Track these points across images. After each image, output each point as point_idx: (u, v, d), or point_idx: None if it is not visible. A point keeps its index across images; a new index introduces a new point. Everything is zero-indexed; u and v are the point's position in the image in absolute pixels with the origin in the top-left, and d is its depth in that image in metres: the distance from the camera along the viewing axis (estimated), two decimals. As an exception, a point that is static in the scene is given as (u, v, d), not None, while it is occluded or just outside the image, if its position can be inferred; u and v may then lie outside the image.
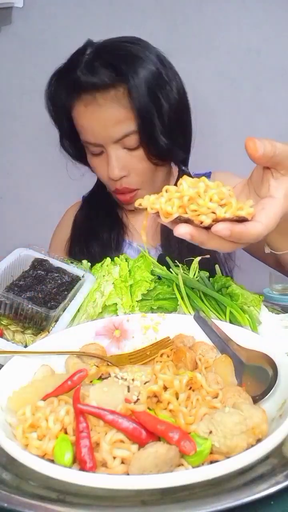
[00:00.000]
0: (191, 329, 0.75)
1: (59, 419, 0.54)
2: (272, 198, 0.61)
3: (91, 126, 1.09)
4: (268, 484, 0.47)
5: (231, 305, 0.82)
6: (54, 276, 0.88)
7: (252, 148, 0.58)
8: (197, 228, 0.55)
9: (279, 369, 0.63)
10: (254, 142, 0.57)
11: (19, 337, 0.81)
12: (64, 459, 0.50)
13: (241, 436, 0.52)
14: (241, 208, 0.54)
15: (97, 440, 0.52)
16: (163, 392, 0.56)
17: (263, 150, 0.58)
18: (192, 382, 0.60)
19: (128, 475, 0.49)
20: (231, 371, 0.66)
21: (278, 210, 0.60)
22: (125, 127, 1.07)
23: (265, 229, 0.58)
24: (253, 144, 0.57)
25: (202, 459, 0.51)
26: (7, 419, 0.57)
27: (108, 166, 1.11)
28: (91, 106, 1.07)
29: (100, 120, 1.07)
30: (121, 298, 0.85)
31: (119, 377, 0.60)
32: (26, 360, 0.68)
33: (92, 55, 1.08)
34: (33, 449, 0.52)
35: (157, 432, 0.51)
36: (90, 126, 1.09)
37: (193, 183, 0.55)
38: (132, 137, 1.08)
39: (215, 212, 0.53)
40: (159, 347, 0.73)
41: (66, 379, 0.59)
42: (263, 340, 0.72)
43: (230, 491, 0.46)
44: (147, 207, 0.56)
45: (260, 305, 0.87)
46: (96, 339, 0.75)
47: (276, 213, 0.60)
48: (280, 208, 0.61)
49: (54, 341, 0.73)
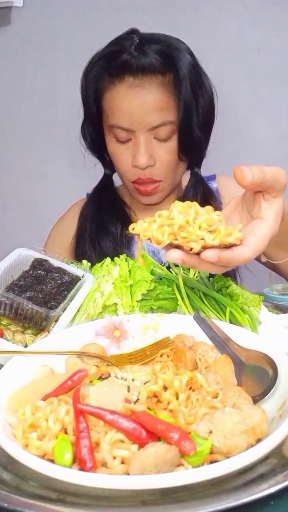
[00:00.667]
0: (191, 329, 0.74)
1: (59, 419, 0.54)
2: (262, 220, 0.63)
3: (129, 109, 1.07)
4: (268, 484, 0.47)
5: (231, 305, 0.82)
6: (54, 276, 0.88)
7: (240, 177, 0.59)
8: (188, 253, 0.57)
9: (279, 369, 0.63)
10: (242, 171, 0.58)
11: (19, 337, 0.81)
12: (64, 459, 0.50)
13: (241, 436, 0.52)
14: (229, 234, 0.56)
15: (97, 440, 0.52)
16: (163, 392, 0.56)
17: (251, 178, 0.59)
18: (192, 382, 0.60)
19: (128, 475, 0.49)
20: (231, 371, 0.66)
21: (268, 232, 0.62)
22: (165, 115, 1.07)
23: (253, 252, 0.60)
24: (241, 173, 0.58)
25: (202, 459, 0.51)
26: (7, 419, 0.57)
27: (135, 154, 1.09)
28: (135, 88, 1.06)
29: (141, 104, 1.06)
30: (121, 298, 0.85)
31: (119, 377, 0.60)
32: (26, 360, 0.68)
33: (141, 41, 1.08)
34: (33, 449, 0.52)
35: (157, 432, 0.51)
36: (129, 109, 1.07)
37: (184, 208, 0.57)
38: (167, 127, 1.08)
39: (204, 239, 0.55)
40: (159, 347, 0.73)
41: (66, 379, 0.59)
42: (263, 340, 0.72)
43: (230, 491, 0.46)
44: (140, 234, 0.57)
45: (260, 305, 0.87)
46: (96, 339, 0.75)
47: (266, 235, 0.62)
48: (270, 230, 0.63)
49: (54, 341, 0.73)
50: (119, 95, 1.08)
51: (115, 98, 1.09)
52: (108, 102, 1.10)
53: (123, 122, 1.08)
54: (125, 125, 1.08)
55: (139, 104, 1.06)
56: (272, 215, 0.63)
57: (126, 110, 1.07)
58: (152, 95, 1.06)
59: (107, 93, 1.10)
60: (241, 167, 0.59)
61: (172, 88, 1.07)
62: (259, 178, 0.59)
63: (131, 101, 1.07)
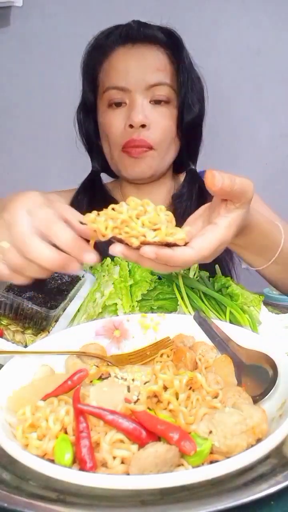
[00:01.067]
0: (191, 329, 0.75)
1: (59, 419, 0.54)
2: (215, 225, 0.64)
3: (126, 67, 1.08)
4: (268, 484, 0.47)
5: (231, 305, 0.82)
6: (54, 276, 0.88)
7: (210, 182, 0.61)
8: (130, 248, 0.59)
9: (279, 369, 0.63)
10: (213, 176, 0.60)
11: (19, 337, 0.81)
12: (64, 459, 0.50)
13: (241, 436, 0.52)
14: (170, 234, 0.58)
15: (97, 440, 0.52)
16: (163, 392, 0.56)
17: (221, 184, 0.60)
18: (192, 382, 0.60)
19: (128, 475, 0.49)
20: (231, 371, 0.66)
21: (216, 239, 0.63)
22: (162, 76, 1.09)
23: (196, 255, 0.61)
24: (212, 178, 0.60)
25: (202, 459, 0.51)
26: (7, 419, 0.57)
27: (130, 112, 1.08)
28: (134, 49, 1.10)
29: (139, 63, 1.09)
30: (121, 298, 0.85)
31: (119, 377, 0.60)
32: (26, 360, 0.68)
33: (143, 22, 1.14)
34: (33, 449, 0.52)
35: (157, 432, 0.51)
36: (125, 68, 1.09)
37: (136, 205, 0.60)
38: (164, 88, 1.09)
39: (145, 235, 0.57)
40: (159, 347, 0.73)
41: (66, 379, 0.59)
42: (263, 340, 0.72)
43: (230, 491, 0.46)
44: (88, 223, 0.59)
45: (260, 305, 0.87)
46: (96, 339, 0.75)
47: (213, 241, 0.63)
48: (219, 237, 0.64)
49: (54, 341, 0.73)
50: (117, 57, 1.10)
51: (113, 60, 1.11)
52: (106, 68, 1.12)
53: (119, 81, 1.08)
54: (121, 84, 1.08)
55: (137, 62, 1.09)
56: (226, 223, 0.65)
57: (122, 68, 1.09)
58: (151, 56, 1.10)
59: (106, 62, 1.12)
60: (213, 172, 0.61)
61: (170, 57, 1.11)
62: (228, 186, 0.61)
63: (129, 61, 1.09)
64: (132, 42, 1.10)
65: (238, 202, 0.64)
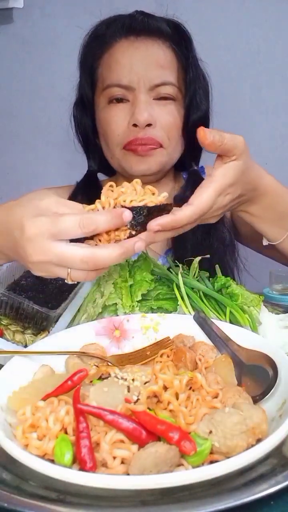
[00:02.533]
0: (191, 329, 0.75)
1: (59, 419, 0.54)
2: (209, 177, 0.70)
3: (130, 63, 1.02)
4: (268, 484, 0.47)
5: (231, 305, 0.82)
6: (55, 276, 0.88)
7: (202, 136, 0.69)
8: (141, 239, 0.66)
9: (279, 369, 0.63)
10: (205, 132, 0.69)
11: (19, 337, 0.81)
12: (64, 459, 0.50)
13: (241, 436, 0.52)
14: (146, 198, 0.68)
15: (97, 440, 0.52)
16: (163, 392, 0.56)
17: (211, 138, 0.69)
18: (192, 382, 0.60)
19: (128, 475, 0.49)
20: (231, 371, 0.66)
21: (213, 188, 0.70)
22: (167, 74, 1.04)
23: (196, 208, 0.68)
24: (203, 133, 0.69)
25: (202, 459, 0.51)
26: (7, 419, 0.57)
27: (134, 111, 1.02)
28: (137, 43, 1.04)
29: (143, 58, 1.03)
30: (121, 298, 0.85)
31: (119, 377, 0.60)
32: (26, 360, 0.68)
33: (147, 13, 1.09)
34: (33, 449, 0.52)
35: (157, 432, 0.51)
36: (129, 63, 1.02)
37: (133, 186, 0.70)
38: (168, 88, 1.04)
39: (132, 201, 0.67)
40: (159, 347, 0.73)
41: (66, 379, 0.59)
42: (263, 340, 0.72)
43: (230, 491, 0.46)
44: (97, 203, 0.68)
45: (260, 305, 0.87)
46: (96, 339, 0.75)
47: (210, 192, 0.69)
48: (215, 186, 0.70)
49: (54, 341, 0.73)
50: (120, 50, 1.04)
51: (115, 53, 1.05)
52: (107, 62, 1.06)
53: (122, 78, 1.03)
54: (124, 81, 1.03)
55: (141, 58, 1.03)
56: (220, 173, 0.71)
57: (126, 64, 1.03)
58: (155, 51, 1.04)
59: (106, 54, 1.06)
60: (204, 129, 0.69)
61: (176, 52, 1.06)
62: (218, 141, 0.69)
63: (132, 55, 1.03)
64: (135, 35, 1.04)
65: (233, 155, 0.72)
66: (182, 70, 1.07)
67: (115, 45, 1.05)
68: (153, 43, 1.04)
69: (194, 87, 1.08)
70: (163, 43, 1.05)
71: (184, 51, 1.07)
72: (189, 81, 1.07)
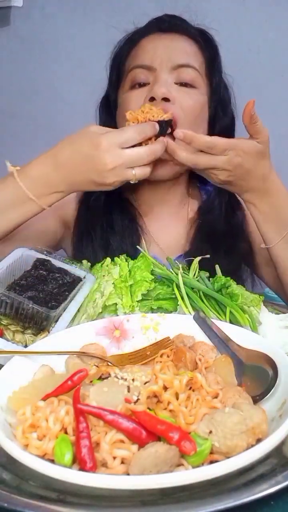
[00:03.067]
0: (191, 329, 0.75)
1: (59, 419, 0.54)
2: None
3: (154, 47, 1.05)
4: (268, 484, 0.47)
5: (231, 305, 0.82)
6: (56, 276, 0.87)
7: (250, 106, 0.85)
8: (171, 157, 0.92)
9: (279, 369, 0.63)
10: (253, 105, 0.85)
11: (19, 337, 0.81)
12: (64, 459, 0.50)
13: (241, 436, 0.52)
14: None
15: (97, 440, 0.52)
16: (163, 392, 0.56)
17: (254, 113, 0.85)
18: (192, 382, 0.60)
19: (128, 475, 0.49)
20: (231, 371, 0.66)
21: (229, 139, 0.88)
22: (191, 59, 1.06)
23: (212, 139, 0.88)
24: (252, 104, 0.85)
25: (202, 459, 0.51)
26: (7, 419, 0.57)
27: (153, 86, 1.01)
28: (164, 35, 1.07)
29: (168, 44, 1.06)
30: (121, 298, 0.85)
31: (119, 377, 0.60)
32: (26, 360, 0.68)
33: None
34: (33, 449, 0.52)
35: (157, 432, 0.51)
36: (153, 47, 1.05)
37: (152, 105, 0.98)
38: (191, 71, 1.04)
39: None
40: (159, 347, 0.73)
41: (66, 379, 0.59)
42: (263, 340, 0.72)
43: (230, 491, 0.46)
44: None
45: (260, 305, 0.87)
46: (96, 339, 0.75)
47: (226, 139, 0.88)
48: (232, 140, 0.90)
49: (54, 341, 0.73)
50: (145, 41, 1.07)
51: (141, 45, 1.08)
52: (133, 53, 1.08)
53: (145, 59, 1.05)
54: (146, 61, 1.04)
55: (165, 45, 1.05)
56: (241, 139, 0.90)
57: (150, 48, 1.06)
58: (181, 42, 1.07)
59: (133, 49, 1.09)
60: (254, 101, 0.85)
61: (201, 50, 1.08)
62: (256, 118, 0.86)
63: (157, 43, 1.06)
64: (162, 31, 1.08)
65: (257, 138, 0.89)
66: (206, 65, 1.09)
67: (141, 41, 1.09)
68: (179, 37, 1.08)
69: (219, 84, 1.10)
70: (189, 39, 1.08)
71: (210, 51, 1.10)
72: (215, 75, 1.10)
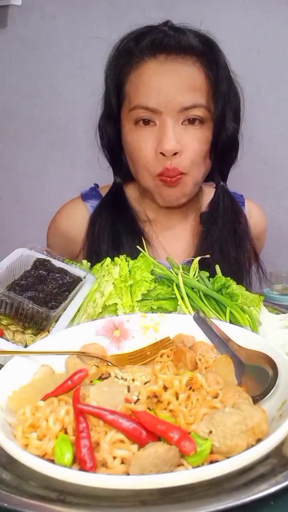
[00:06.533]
0: (191, 329, 0.75)
1: (59, 419, 0.54)
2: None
3: (159, 86, 0.98)
4: (268, 484, 0.47)
5: (231, 305, 0.82)
6: (56, 276, 0.88)
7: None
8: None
9: (279, 369, 0.63)
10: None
11: (19, 337, 0.81)
12: (64, 459, 0.50)
13: (241, 436, 0.52)
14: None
15: (97, 440, 0.52)
16: (163, 392, 0.56)
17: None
18: (192, 382, 0.60)
19: (128, 475, 0.49)
20: (231, 371, 0.66)
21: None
22: (198, 97, 1.00)
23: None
24: None
25: (202, 459, 0.51)
26: (7, 419, 0.57)
27: (162, 138, 0.99)
28: (168, 64, 0.99)
29: (173, 81, 0.98)
30: (121, 298, 0.85)
31: (119, 377, 0.60)
32: (26, 360, 0.68)
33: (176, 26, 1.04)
34: (33, 449, 0.52)
35: (157, 432, 0.51)
36: (158, 86, 0.98)
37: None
38: (199, 111, 1.00)
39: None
40: (159, 347, 0.73)
41: (66, 379, 0.59)
42: (263, 340, 0.72)
43: (230, 491, 0.46)
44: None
45: (260, 305, 0.87)
46: (96, 339, 0.75)
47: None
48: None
49: (54, 341, 0.73)
50: (148, 72, 1.00)
51: (144, 75, 1.00)
52: (134, 81, 1.02)
53: (150, 101, 0.99)
54: (151, 104, 0.99)
55: (170, 81, 0.98)
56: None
57: (154, 87, 0.98)
58: (186, 73, 0.99)
59: (134, 73, 1.02)
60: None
61: (207, 72, 1.02)
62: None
63: (161, 78, 0.98)
64: (166, 53, 0.99)
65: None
66: (212, 90, 1.03)
67: (143, 65, 1.01)
68: (184, 64, 1.00)
69: (223, 109, 1.05)
70: (194, 63, 1.01)
71: (215, 70, 1.03)
72: (218, 105, 1.04)
